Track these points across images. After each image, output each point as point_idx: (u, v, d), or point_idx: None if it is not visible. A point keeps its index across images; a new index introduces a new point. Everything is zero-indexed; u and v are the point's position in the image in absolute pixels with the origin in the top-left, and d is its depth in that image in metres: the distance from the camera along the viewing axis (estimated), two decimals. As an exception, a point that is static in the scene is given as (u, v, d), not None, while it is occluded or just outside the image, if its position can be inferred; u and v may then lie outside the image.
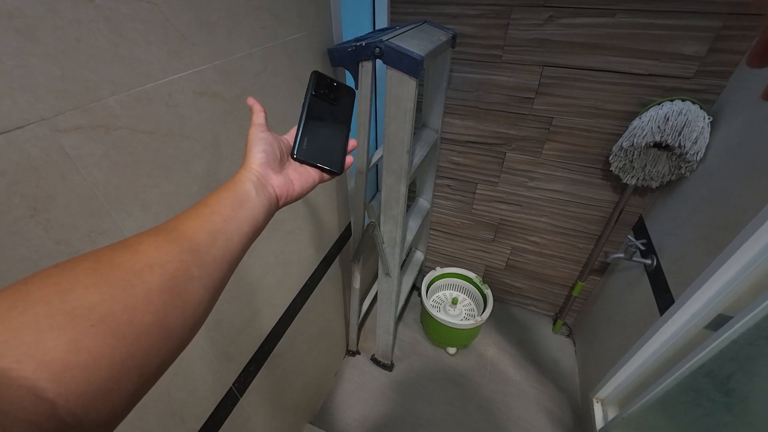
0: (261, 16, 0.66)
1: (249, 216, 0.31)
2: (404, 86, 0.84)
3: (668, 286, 1.05)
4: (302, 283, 1.09)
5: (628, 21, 1.01)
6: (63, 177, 0.41)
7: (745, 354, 0.72)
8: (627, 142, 1.09)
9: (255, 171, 0.34)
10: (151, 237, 0.25)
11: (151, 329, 0.21)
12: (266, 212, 0.34)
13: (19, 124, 0.36)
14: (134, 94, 0.47)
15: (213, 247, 0.27)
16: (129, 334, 0.20)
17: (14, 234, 0.38)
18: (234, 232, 0.30)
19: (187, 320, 0.24)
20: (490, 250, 1.76)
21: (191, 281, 0.25)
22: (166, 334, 0.22)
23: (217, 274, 0.27)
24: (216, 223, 0.28)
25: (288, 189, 0.37)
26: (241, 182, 0.33)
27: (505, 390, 1.58)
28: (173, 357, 0.23)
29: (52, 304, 0.18)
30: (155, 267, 0.23)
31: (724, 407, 0.75)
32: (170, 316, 0.22)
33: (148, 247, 0.24)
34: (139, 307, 0.21)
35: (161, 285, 0.22)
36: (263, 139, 0.36)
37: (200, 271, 0.25)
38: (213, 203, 0.30)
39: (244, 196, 0.32)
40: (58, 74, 0.38)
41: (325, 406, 1.53)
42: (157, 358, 0.21)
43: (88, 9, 0.40)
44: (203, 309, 0.26)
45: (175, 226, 0.27)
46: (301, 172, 0.39)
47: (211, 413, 0.78)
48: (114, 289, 0.20)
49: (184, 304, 0.24)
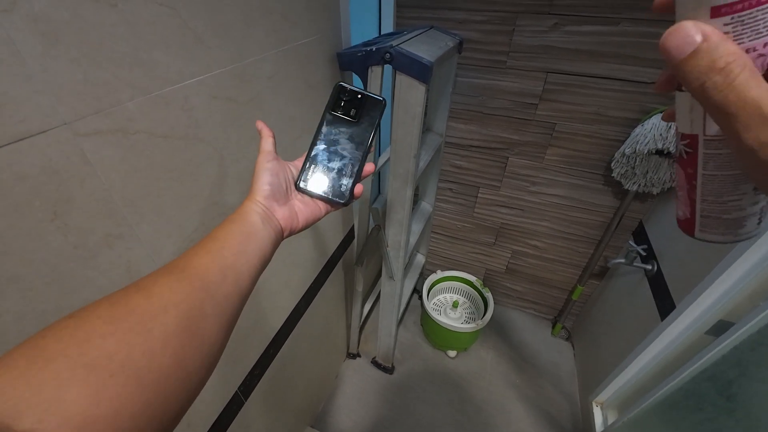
0: (274, 18, 0.66)
1: (257, 249, 0.31)
2: (413, 91, 0.84)
3: (669, 291, 1.06)
4: (306, 286, 1.09)
5: (632, 30, 1.02)
6: (82, 181, 0.41)
7: (748, 359, 0.73)
8: (629, 149, 1.10)
9: (260, 203, 0.34)
10: (164, 277, 0.25)
11: (170, 372, 0.21)
12: (273, 244, 0.34)
13: (43, 128, 0.36)
14: (152, 98, 0.47)
15: (224, 283, 0.27)
16: (149, 380, 0.20)
17: (34, 238, 0.38)
18: (244, 266, 0.30)
19: (204, 359, 0.24)
20: (491, 254, 1.77)
21: (205, 319, 0.25)
22: (184, 376, 0.22)
23: (230, 310, 0.28)
24: (226, 259, 0.29)
25: (292, 222, 0.36)
26: (247, 214, 0.33)
27: (505, 393, 1.59)
28: (191, 399, 0.23)
29: (70, 358, 0.18)
30: (170, 308, 0.23)
31: (726, 412, 0.76)
32: (187, 356, 0.22)
33: (162, 288, 0.24)
34: (157, 351, 0.21)
35: (177, 326, 0.22)
36: (269, 170, 0.36)
37: (213, 308, 0.26)
38: (221, 237, 0.30)
39: (252, 228, 0.32)
40: (80, 78, 0.38)
41: (326, 408, 1.52)
42: (176, 402, 0.21)
43: (110, 13, 0.40)
44: (218, 346, 0.26)
45: (186, 264, 0.27)
46: (307, 202, 0.38)
47: (217, 417, 0.77)
48: (131, 335, 0.20)
49: (200, 343, 0.24)
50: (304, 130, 0.85)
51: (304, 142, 0.84)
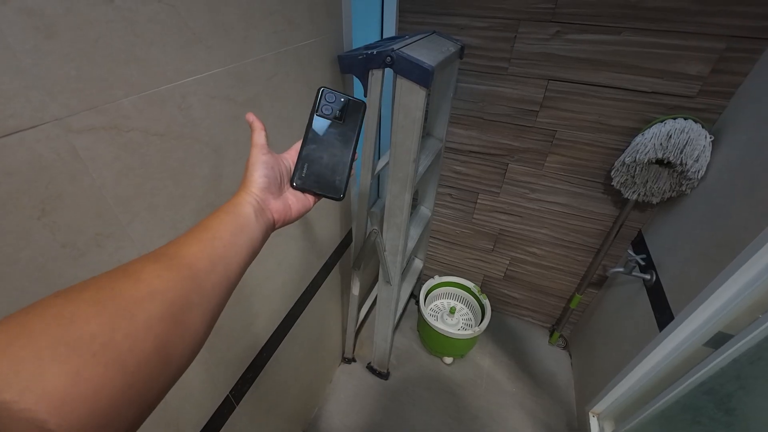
0: (275, 20, 0.66)
1: (248, 241, 0.31)
2: (414, 96, 0.84)
3: (668, 302, 1.05)
4: (302, 290, 1.07)
5: (634, 39, 1.03)
6: (73, 178, 0.40)
7: (747, 373, 0.72)
8: (629, 158, 1.10)
9: (255, 195, 0.34)
10: (151, 263, 0.25)
11: (151, 357, 0.21)
12: (263, 236, 0.34)
13: (33, 123, 0.35)
14: (148, 96, 0.46)
15: (212, 274, 0.27)
16: (130, 363, 0.20)
17: (21, 235, 0.37)
18: (233, 257, 0.30)
19: (186, 347, 0.24)
20: (489, 260, 1.76)
21: (191, 308, 0.25)
22: (165, 362, 0.22)
23: (216, 300, 0.27)
24: (216, 249, 0.28)
25: (286, 214, 0.37)
26: (241, 205, 0.33)
27: (501, 401, 1.57)
28: (171, 384, 0.23)
29: (53, 336, 0.18)
30: (156, 295, 0.23)
31: (725, 426, 0.75)
32: (170, 343, 0.23)
33: (150, 275, 0.23)
34: (140, 336, 0.21)
35: (162, 313, 0.22)
36: (265, 163, 0.36)
37: (199, 298, 0.26)
38: (213, 227, 0.30)
39: (245, 220, 0.32)
40: (73, 74, 0.38)
41: (320, 414, 1.50)
42: (156, 386, 0.22)
43: (107, 9, 0.39)
44: (201, 335, 0.26)
45: (175, 251, 0.27)
46: (299, 196, 0.39)
47: (207, 421, 0.76)
48: (115, 318, 0.20)
49: (183, 331, 0.24)
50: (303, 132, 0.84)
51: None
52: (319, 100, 0.39)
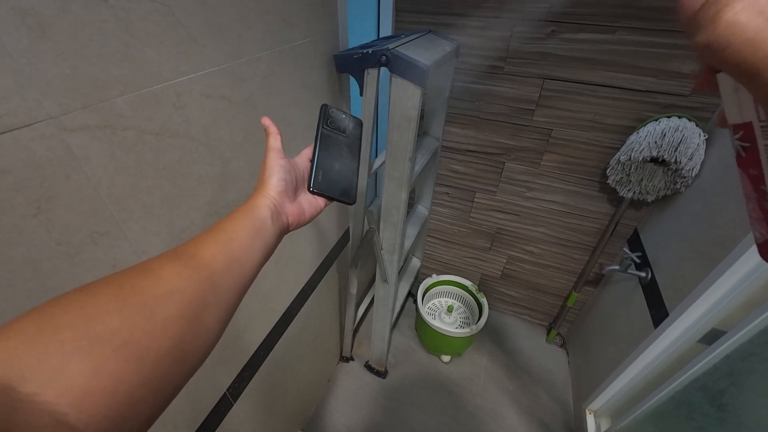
0: (271, 19, 0.66)
1: (263, 244, 0.32)
2: (409, 95, 0.84)
3: (663, 299, 1.06)
4: (299, 288, 1.08)
5: (629, 38, 1.03)
6: (67, 176, 0.40)
7: (739, 369, 0.73)
8: (624, 156, 1.10)
9: (273, 198, 0.35)
10: (171, 262, 0.25)
11: (167, 355, 0.22)
12: (278, 239, 0.35)
13: (27, 122, 0.36)
14: (142, 95, 0.47)
15: (228, 275, 0.28)
16: (147, 359, 0.20)
17: (15, 233, 0.37)
18: (248, 260, 0.30)
19: (200, 347, 0.25)
20: (487, 259, 1.77)
21: (207, 309, 0.25)
22: (180, 360, 0.23)
23: (230, 301, 0.28)
24: (233, 251, 0.29)
25: (300, 217, 0.38)
26: (258, 208, 0.33)
27: (499, 399, 1.58)
28: (185, 381, 0.24)
29: (77, 329, 0.18)
30: (175, 294, 0.23)
31: (718, 422, 0.76)
32: (185, 342, 0.23)
33: (169, 274, 0.24)
34: (158, 334, 0.21)
35: (179, 312, 0.23)
36: (283, 167, 0.37)
37: (215, 298, 0.26)
38: (231, 229, 0.30)
39: (261, 223, 0.32)
40: (67, 72, 0.38)
41: (318, 412, 1.51)
42: (171, 383, 0.22)
43: (101, 9, 0.40)
44: (215, 335, 0.26)
45: (194, 251, 0.27)
46: (311, 200, 0.40)
47: (204, 419, 0.76)
48: (135, 315, 0.21)
49: (198, 331, 0.24)
50: (300, 131, 0.84)
51: (300, 143, 0.84)
52: (325, 116, 0.42)
